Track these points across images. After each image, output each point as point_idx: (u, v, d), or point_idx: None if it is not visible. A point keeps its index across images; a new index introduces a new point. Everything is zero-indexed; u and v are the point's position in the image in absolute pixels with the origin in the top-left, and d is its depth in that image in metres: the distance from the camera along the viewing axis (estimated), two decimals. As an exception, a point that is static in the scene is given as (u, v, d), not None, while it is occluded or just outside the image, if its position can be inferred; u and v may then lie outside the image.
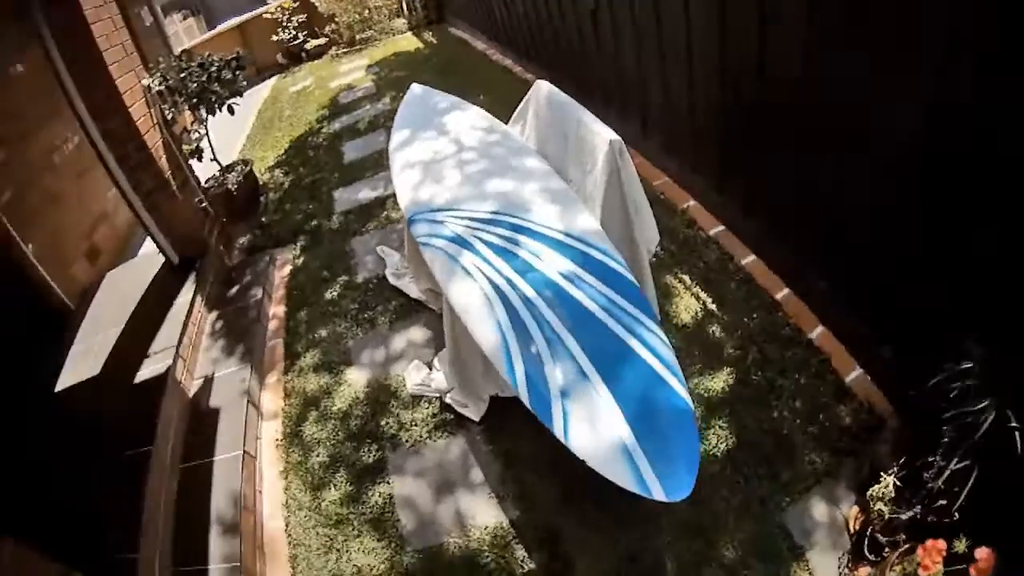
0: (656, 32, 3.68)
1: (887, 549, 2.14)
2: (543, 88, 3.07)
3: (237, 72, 5.38)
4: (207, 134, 5.59)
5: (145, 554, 2.56)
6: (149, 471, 2.87)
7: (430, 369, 3.31)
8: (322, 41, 11.72)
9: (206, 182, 5.57)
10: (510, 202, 2.66)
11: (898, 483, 2.17)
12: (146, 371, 3.53)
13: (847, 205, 2.57)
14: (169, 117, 4.79)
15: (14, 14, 3.80)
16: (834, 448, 2.55)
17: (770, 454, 2.58)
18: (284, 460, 3.21)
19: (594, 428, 1.83)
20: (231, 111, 5.44)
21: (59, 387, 3.66)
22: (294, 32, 11.64)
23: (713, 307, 3.26)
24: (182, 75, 4.89)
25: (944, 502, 1.96)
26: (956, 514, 1.92)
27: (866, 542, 2.23)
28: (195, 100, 5.04)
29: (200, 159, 5.49)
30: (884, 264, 2.46)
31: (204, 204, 5.02)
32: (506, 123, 3.44)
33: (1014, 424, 1.73)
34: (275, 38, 11.66)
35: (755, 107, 3.00)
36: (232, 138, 8.00)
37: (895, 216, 2.30)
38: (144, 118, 4.38)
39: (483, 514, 2.67)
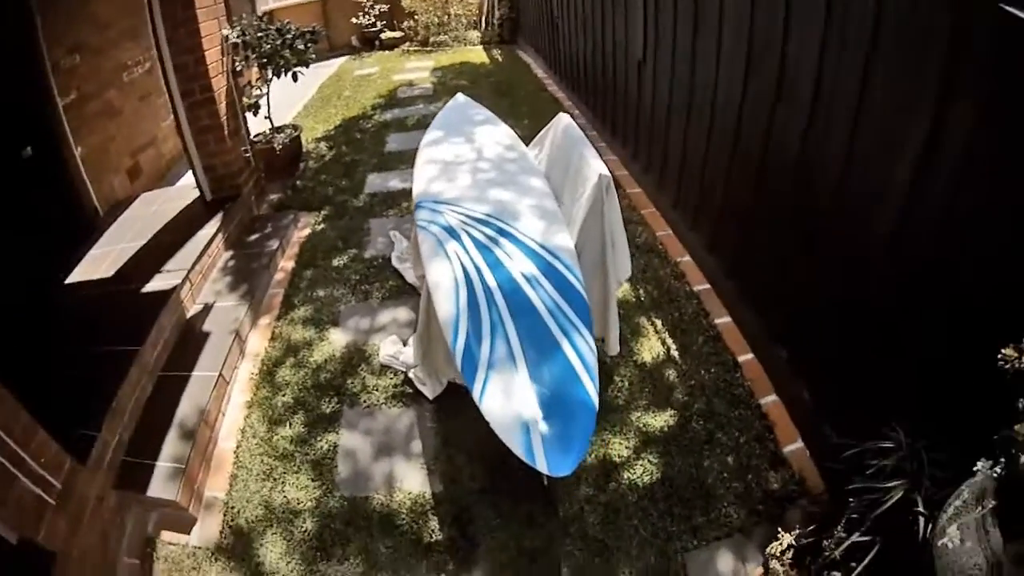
0: (688, 96, 3.97)
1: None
2: (563, 120, 3.39)
3: (309, 45, 5.72)
4: (268, 93, 5.94)
5: (104, 436, 2.85)
6: (130, 368, 3.17)
7: (404, 345, 3.59)
8: (397, 34, 12.07)
9: (255, 136, 5.91)
10: (504, 209, 2.96)
11: (794, 545, 2.31)
12: (154, 284, 3.86)
13: (815, 285, 2.77)
14: (238, 69, 5.18)
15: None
16: (754, 509, 2.66)
17: (689, 498, 2.71)
18: (253, 393, 3.50)
19: (505, 399, 2.13)
20: (295, 78, 5.74)
21: (69, 280, 4.04)
22: (373, 19, 11.98)
23: (675, 354, 3.46)
24: (259, 35, 5.26)
25: (839, 574, 2.07)
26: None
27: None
28: (265, 60, 5.39)
29: (255, 114, 5.84)
30: (839, 347, 2.64)
31: (248, 154, 5.36)
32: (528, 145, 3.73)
33: (920, 509, 1.82)
34: (354, 20, 11.98)
35: (754, 183, 3.24)
36: (290, 104, 8.35)
37: (854, 305, 2.49)
38: (216, 64, 4.75)
39: (411, 481, 2.91)
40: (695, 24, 3.73)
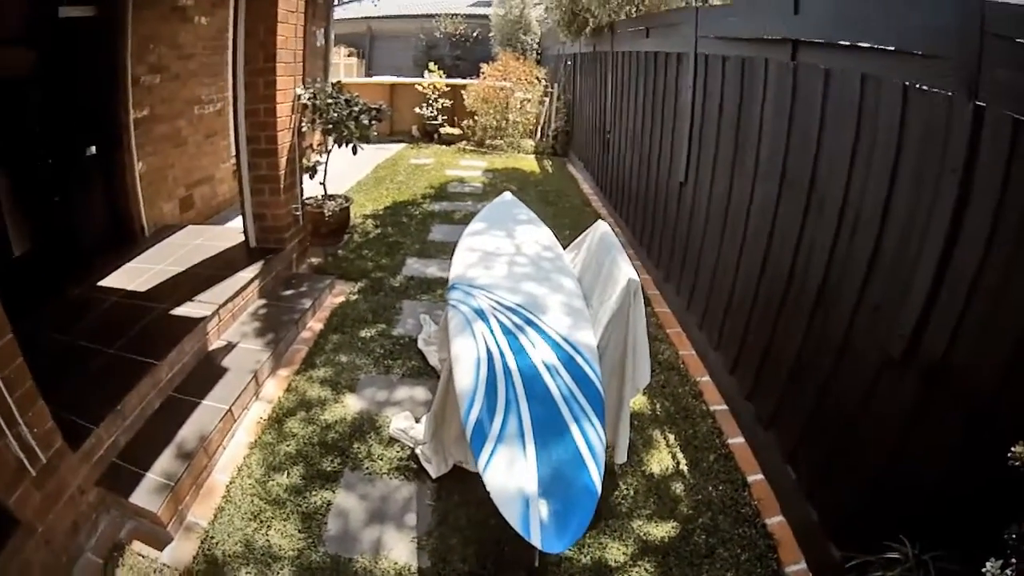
0: (723, 218, 4.12)
1: None
2: (601, 227, 3.54)
3: (373, 121, 6.02)
4: (327, 161, 6.22)
5: (101, 432, 2.89)
6: (142, 378, 3.24)
7: (416, 422, 3.58)
8: (456, 131, 12.69)
9: (307, 198, 6.11)
10: (534, 302, 3.05)
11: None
12: (183, 309, 3.98)
13: (829, 406, 2.80)
14: (303, 129, 5.44)
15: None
16: None
17: None
18: (258, 435, 3.49)
19: (509, 472, 2.14)
20: (354, 151, 6.00)
21: (103, 282, 4.24)
22: (436, 112, 12.69)
23: (685, 469, 3.40)
24: (329, 101, 5.55)
25: None
26: None
27: None
28: (330, 127, 5.65)
29: (311, 177, 6.08)
30: (848, 466, 2.63)
31: (298, 213, 5.55)
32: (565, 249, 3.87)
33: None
34: (417, 110, 12.70)
35: (778, 306, 3.31)
36: (345, 177, 8.72)
37: (866, 423, 2.50)
38: (285, 119, 5.02)
39: (399, 552, 2.82)
40: (735, 149, 3.93)
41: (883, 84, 2.45)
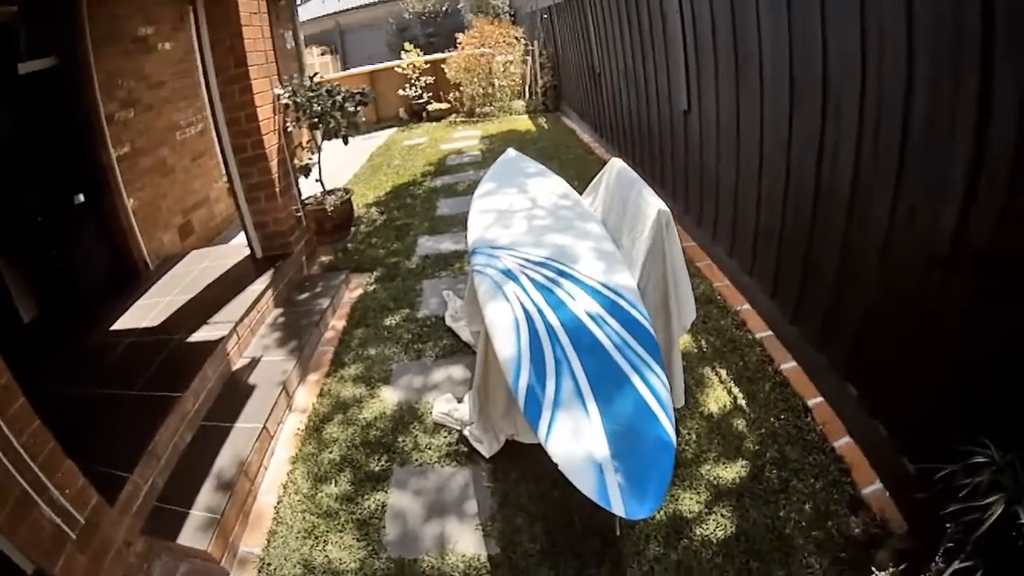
0: (735, 139, 3.91)
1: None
2: (617, 164, 3.34)
3: (358, 108, 5.81)
4: (319, 157, 6.05)
5: (136, 479, 2.78)
6: (169, 414, 3.12)
7: (459, 402, 3.44)
8: (444, 106, 12.52)
9: (306, 198, 5.97)
10: (562, 253, 2.86)
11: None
12: (200, 334, 3.86)
13: (878, 315, 2.66)
14: (288, 129, 5.27)
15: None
16: (836, 557, 2.42)
17: (767, 550, 2.48)
18: (298, 448, 3.36)
19: (575, 439, 1.95)
20: (345, 141, 5.81)
21: (115, 326, 4.12)
22: (420, 91, 12.50)
23: (743, 403, 3.25)
24: (310, 95, 5.35)
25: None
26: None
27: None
28: (316, 120, 5.46)
29: (307, 176, 5.93)
30: (908, 375, 2.48)
31: (300, 214, 5.40)
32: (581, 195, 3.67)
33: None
34: (401, 92, 12.54)
35: (810, 219, 3.13)
36: (340, 172, 8.58)
37: (920, 326, 2.35)
38: (268, 121, 4.85)
39: (465, 543, 2.69)
40: (736, 66, 3.73)
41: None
